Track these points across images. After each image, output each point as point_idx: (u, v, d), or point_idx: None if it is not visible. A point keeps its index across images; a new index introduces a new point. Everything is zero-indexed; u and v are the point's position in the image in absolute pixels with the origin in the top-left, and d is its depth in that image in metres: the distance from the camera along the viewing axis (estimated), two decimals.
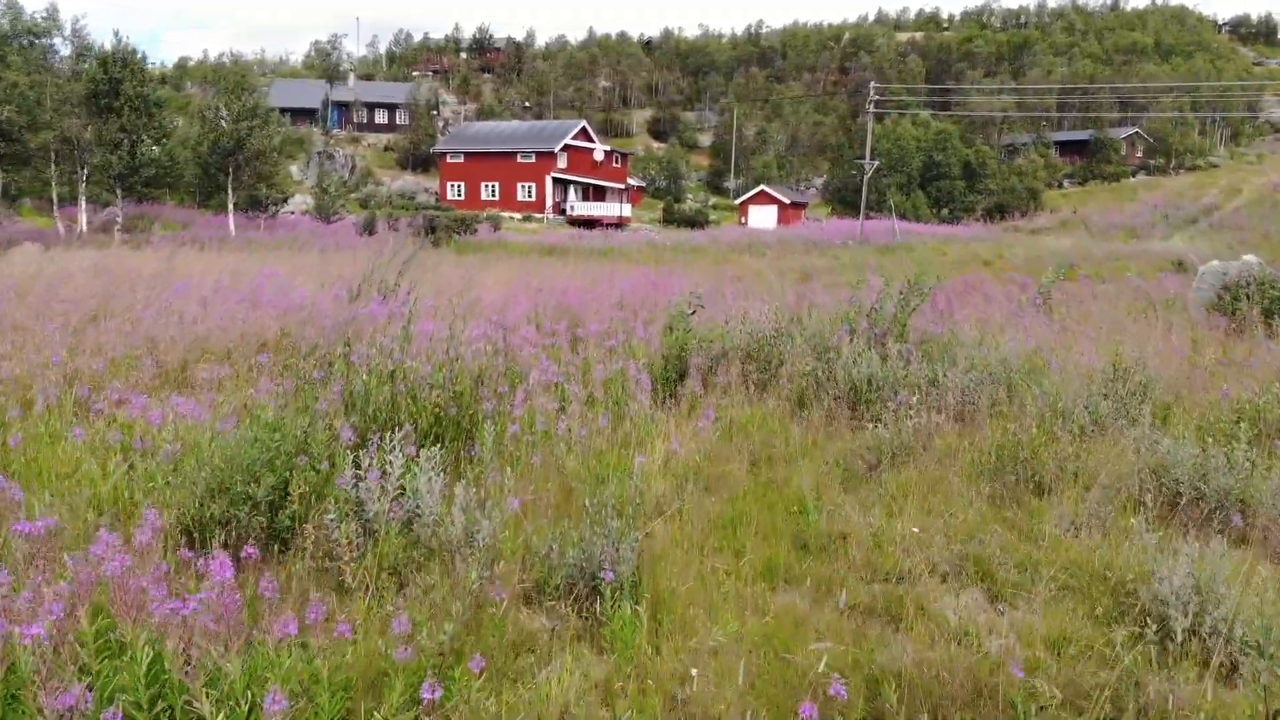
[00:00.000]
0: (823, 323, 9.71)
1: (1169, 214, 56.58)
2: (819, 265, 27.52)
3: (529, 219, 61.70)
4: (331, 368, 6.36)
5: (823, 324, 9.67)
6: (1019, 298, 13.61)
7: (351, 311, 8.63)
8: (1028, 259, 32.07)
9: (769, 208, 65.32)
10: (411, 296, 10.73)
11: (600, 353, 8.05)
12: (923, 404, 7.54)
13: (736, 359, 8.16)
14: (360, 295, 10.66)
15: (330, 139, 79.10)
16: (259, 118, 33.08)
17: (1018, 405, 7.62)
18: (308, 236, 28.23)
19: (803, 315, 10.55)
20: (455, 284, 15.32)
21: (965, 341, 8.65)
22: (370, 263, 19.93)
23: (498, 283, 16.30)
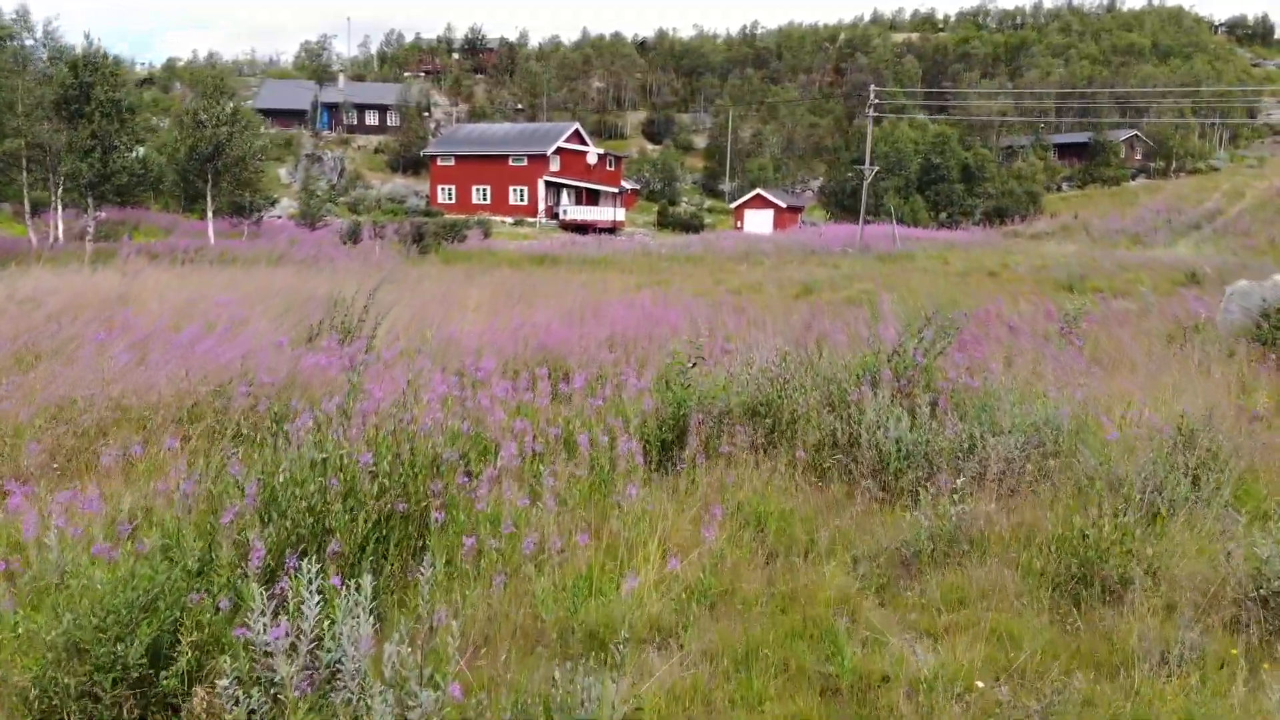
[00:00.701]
0: (837, 366, 8.63)
1: (1171, 219, 55.69)
2: (820, 277, 26.47)
3: (521, 223, 60.63)
4: (255, 450, 5.26)
5: (837, 367, 8.59)
6: (1045, 327, 12.55)
7: (299, 362, 7.52)
8: (1035, 269, 31.06)
9: (765, 212, 64.30)
10: (375, 336, 9.63)
11: (586, 411, 6.96)
12: (963, 478, 6.48)
13: (743, 419, 7.07)
14: (319, 334, 9.56)
15: (320, 141, 77.90)
16: (239, 122, 31.89)
17: (1072, 480, 6.55)
18: (287, 247, 27.11)
19: (814, 355, 9.48)
20: (433, 309, 14.22)
21: (1002, 393, 7.58)
22: (345, 282, 18.84)
23: (481, 305, 15.20)
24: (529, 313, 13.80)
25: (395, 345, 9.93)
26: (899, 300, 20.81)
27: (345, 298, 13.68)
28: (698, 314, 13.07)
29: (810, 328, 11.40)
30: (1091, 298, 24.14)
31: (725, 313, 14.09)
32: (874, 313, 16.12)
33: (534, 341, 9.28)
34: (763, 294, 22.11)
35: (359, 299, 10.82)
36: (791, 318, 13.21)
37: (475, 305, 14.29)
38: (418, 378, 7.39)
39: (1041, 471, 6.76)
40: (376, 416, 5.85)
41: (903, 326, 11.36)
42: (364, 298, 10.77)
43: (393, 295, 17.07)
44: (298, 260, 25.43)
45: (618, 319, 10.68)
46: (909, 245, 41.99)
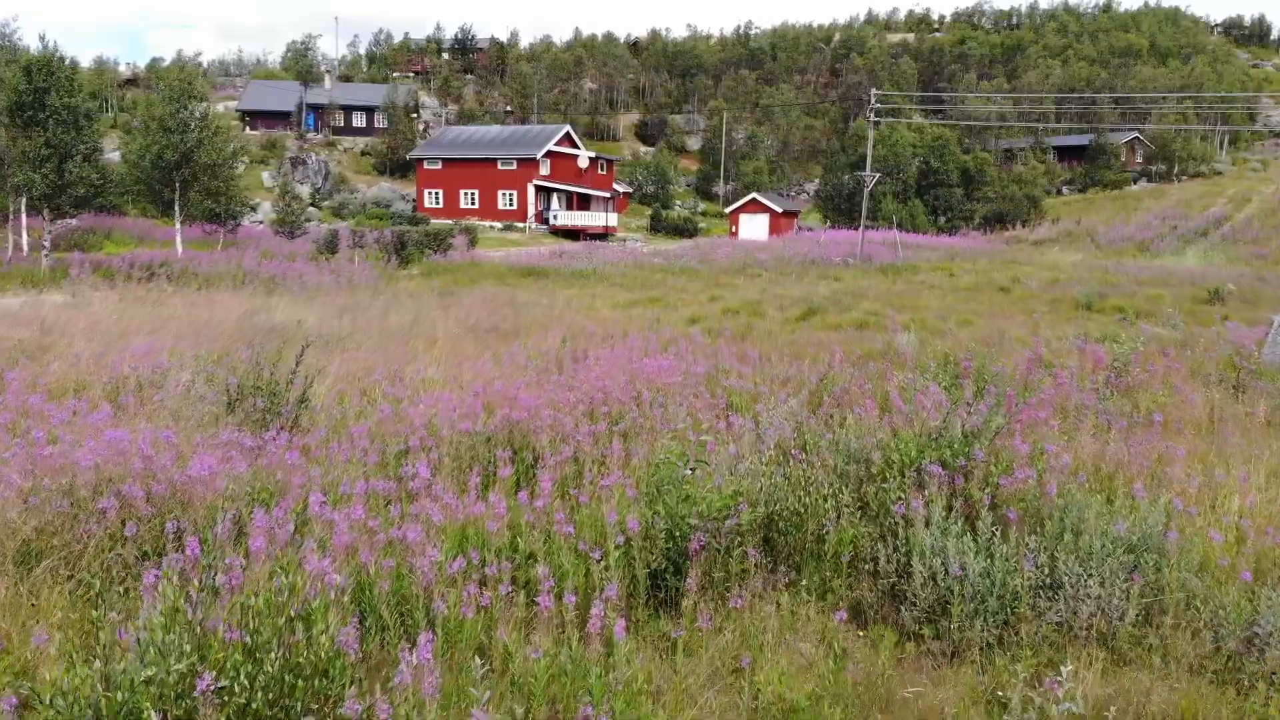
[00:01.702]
0: (867, 445, 7.04)
1: (1177, 225, 54.30)
2: (823, 295, 24.88)
3: (510, 228, 58.99)
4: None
5: (868, 447, 7.01)
6: (1090, 376, 10.99)
7: (197, 456, 5.90)
8: (1047, 283, 29.54)
9: (760, 217, 62.75)
10: (306, 401, 8.03)
11: (556, 527, 5.36)
12: (1044, 622, 4.91)
13: (756, 539, 5.49)
14: (241, 398, 7.94)
15: (305, 144, 76.10)
16: (208, 127, 30.11)
17: (1187, 629, 4.99)
18: (255, 262, 25.43)
19: (836, 430, 7.89)
20: (395, 348, 12.61)
21: (1079, 494, 5.99)
22: (307, 309, 17.22)
23: (450, 342, 13.59)
24: (502, 355, 12.21)
25: (333, 410, 8.33)
26: (912, 325, 19.28)
27: (304, 332, 12.07)
28: (694, 357, 11.47)
29: (826, 380, 9.81)
30: (1113, 319, 22.65)
31: (724, 352, 12.51)
32: (890, 347, 14.58)
33: (500, 408, 7.68)
34: (763, 316, 20.50)
35: (307, 345, 9.20)
36: (802, 363, 11.61)
37: (440, 350, 12.67)
38: (334, 485, 5.78)
39: (1144, 617, 5.20)
40: (261, 565, 4.26)
41: (935, 380, 9.81)
42: (332, 321, 9.17)
43: (354, 326, 15.48)
44: (265, 277, 23.78)
45: (600, 375, 9.09)
46: (911, 254, 40.49)
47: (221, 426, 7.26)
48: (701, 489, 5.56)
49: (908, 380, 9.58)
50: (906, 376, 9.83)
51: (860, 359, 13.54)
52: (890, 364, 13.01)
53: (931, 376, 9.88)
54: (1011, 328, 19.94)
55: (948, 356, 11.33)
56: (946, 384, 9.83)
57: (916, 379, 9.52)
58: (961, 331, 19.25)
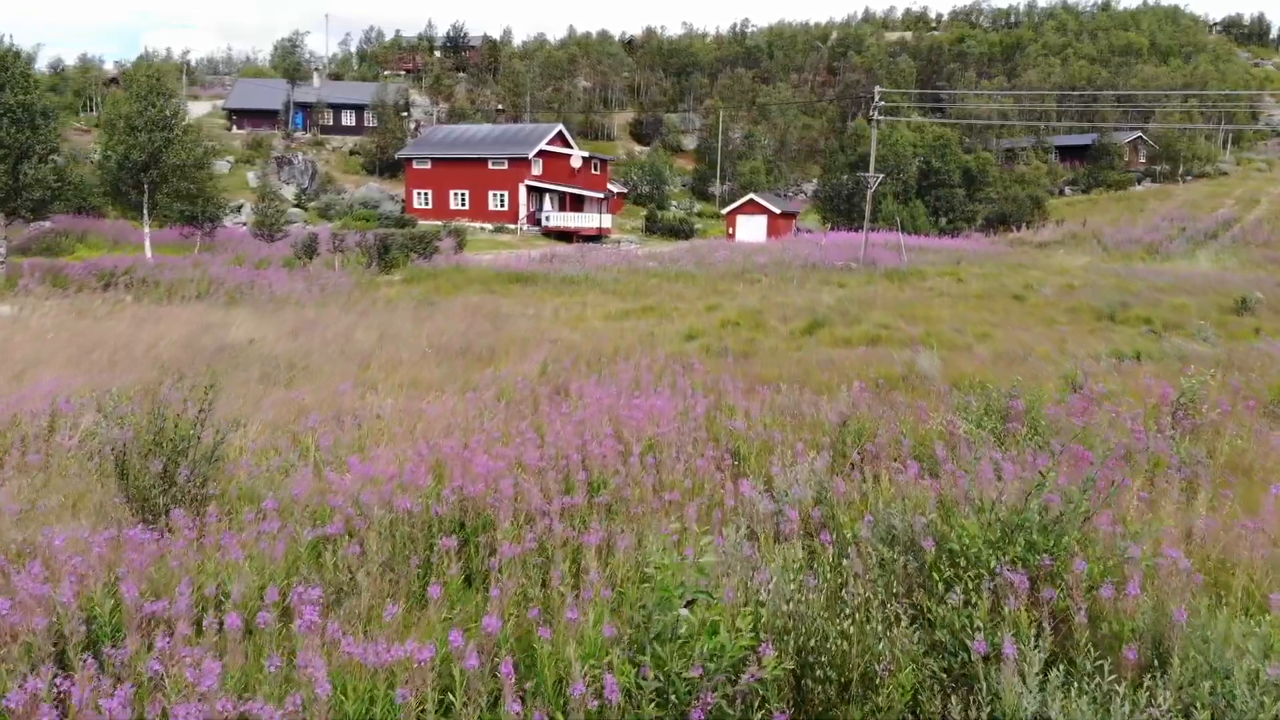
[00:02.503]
0: (912, 525, 5.54)
1: (1186, 227, 52.89)
2: (827, 304, 23.38)
3: (501, 230, 57.44)
4: None
5: (913, 526, 5.52)
6: (1139, 406, 9.48)
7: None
8: (1062, 290, 28.08)
9: (758, 218, 61.24)
10: (216, 459, 6.51)
11: None
12: None
13: (782, 700, 3.98)
14: (125, 467, 6.40)
15: (292, 143, 74.44)
16: (177, 127, 28.46)
17: None
18: (224, 270, 23.86)
19: (868, 495, 6.37)
20: (350, 374, 11.06)
21: (1209, 628, 4.50)
22: (267, 325, 15.66)
23: (413, 368, 12.05)
24: (475, 384, 10.68)
25: (254, 468, 6.80)
26: (927, 339, 17.79)
27: (256, 353, 10.56)
28: (691, 390, 9.96)
29: (848, 424, 8.30)
30: (1139, 331, 21.19)
31: (726, 379, 11.00)
32: (912, 370, 13.07)
33: (454, 470, 6.16)
34: (765, 330, 18.99)
35: (210, 388, 7.71)
36: (816, 395, 10.11)
37: (401, 377, 11.13)
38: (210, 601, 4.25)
39: None
40: None
41: (979, 423, 8.29)
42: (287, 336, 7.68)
43: (314, 345, 13.94)
44: (230, 286, 22.22)
45: (581, 422, 7.57)
46: (914, 257, 39.01)
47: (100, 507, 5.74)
48: (706, 626, 4.03)
49: (947, 424, 8.07)
50: (945, 419, 8.32)
51: (880, 385, 12.05)
52: (916, 393, 11.51)
53: (974, 419, 8.38)
54: (1034, 341, 18.46)
55: (986, 389, 9.82)
56: (992, 426, 8.34)
57: (957, 422, 8.01)
58: (981, 346, 17.78)
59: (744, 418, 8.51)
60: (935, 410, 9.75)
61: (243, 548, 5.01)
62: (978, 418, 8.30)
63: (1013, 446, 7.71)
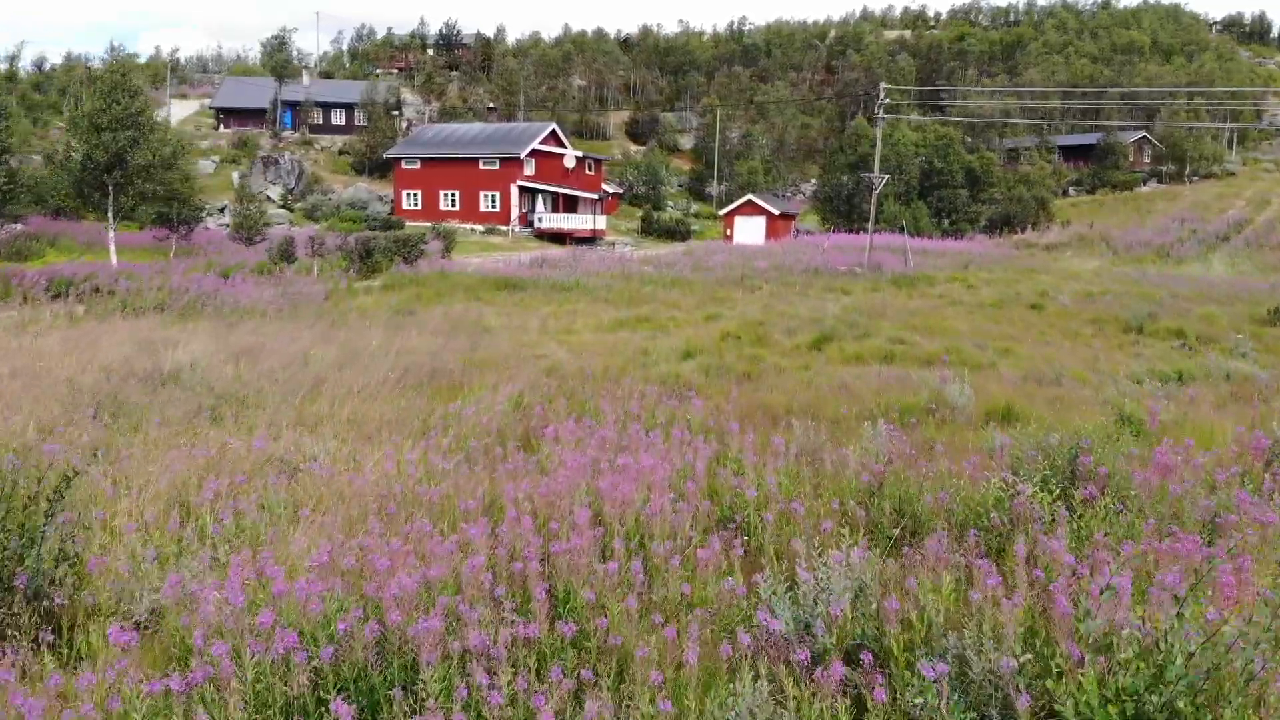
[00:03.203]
0: (998, 672, 4.00)
1: (1196, 229, 51.45)
2: (834, 315, 21.83)
3: (493, 232, 55.86)
4: None
5: (999, 673, 3.99)
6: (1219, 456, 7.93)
7: None
8: (1080, 298, 26.56)
9: (757, 219, 59.69)
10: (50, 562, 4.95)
11: None
12: None
13: None
14: None
15: (279, 142, 72.77)
16: (143, 126, 26.82)
17: None
18: (187, 280, 22.25)
19: (928, 612, 4.82)
20: (288, 416, 9.48)
21: None
22: (217, 343, 14.06)
23: (373, 392, 10.47)
24: (432, 425, 9.12)
25: (123, 568, 5.22)
26: (947, 356, 16.23)
27: (192, 381, 9.01)
28: (690, 434, 8.40)
29: (884, 486, 6.75)
30: (1171, 345, 19.66)
31: (729, 415, 9.45)
32: (939, 399, 11.52)
33: (370, 585, 4.59)
34: (769, 345, 17.42)
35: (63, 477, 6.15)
36: (836, 439, 8.55)
37: (349, 413, 9.56)
38: None
39: None
40: None
41: (1044, 487, 6.76)
42: None
43: (260, 371, 12.36)
44: (192, 296, 20.61)
45: (546, 500, 6.01)
46: (921, 261, 37.49)
47: None
48: None
49: (1004, 483, 6.51)
50: (1004, 477, 6.75)
51: (905, 418, 10.51)
52: (948, 429, 9.96)
53: (1036, 477, 6.83)
54: (1062, 358, 16.92)
55: (1030, 426, 8.27)
56: (1061, 488, 6.80)
57: (1021, 486, 6.45)
58: (1004, 363, 16.23)
59: (754, 475, 6.95)
60: (975, 454, 8.20)
61: None
62: (1041, 477, 6.75)
63: (1091, 517, 6.17)
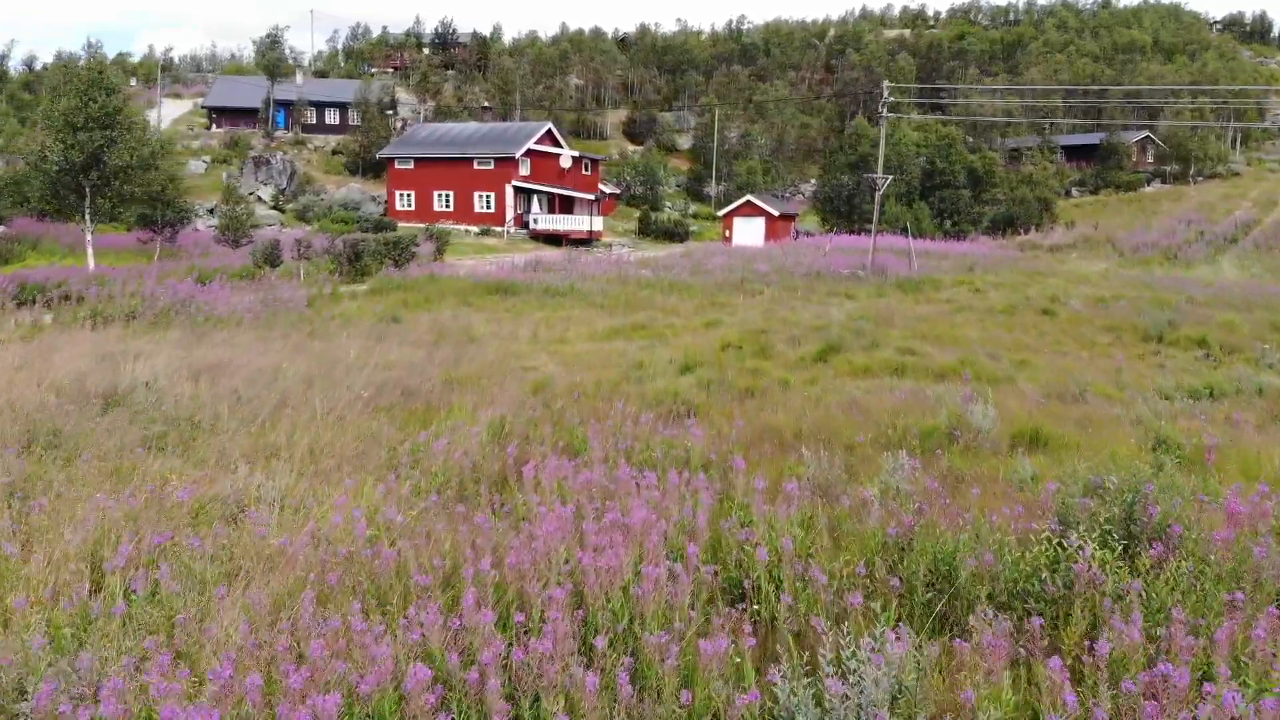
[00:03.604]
0: None
1: (1204, 231, 50.54)
2: (839, 322, 20.88)
3: (488, 233, 54.89)
4: None
5: None
6: None
7: None
8: (1093, 303, 25.63)
9: (756, 220, 58.73)
10: None
11: None
12: None
13: None
14: None
15: (272, 142, 71.74)
16: (120, 125, 25.80)
17: None
18: (162, 286, 21.26)
19: None
20: (242, 447, 8.52)
21: None
22: (168, 359, 13.09)
23: (339, 417, 9.50)
24: (399, 459, 8.16)
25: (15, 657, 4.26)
26: (961, 369, 15.29)
27: (144, 402, 8.12)
28: (688, 468, 7.45)
29: (913, 543, 5.80)
30: (1194, 355, 18.72)
31: (732, 444, 8.51)
32: (959, 421, 10.58)
33: (312, 684, 3.64)
34: (771, 356, 16.47)
35: None
36: (859, 484, 7.60)
37: (311, 441, 8.60)
38: None
39: None
40: None
41: (1099, 540, 5.82)
42: None
43: (222, 391, 11.39)
44: (166, 303, 19.64)
45: (515, 573, 5.05)
46: (925, 264, 36.51)
47: None
48: None
49: (1057, 535, 5.56)
50: (1052, 528, 5.80)
51: (925, 445, 9.58)
52: (974, 459, 9.00)
53: (1094, 530, 5.87)
54: (1082, 370, 15.97)
55: (1066, 456, 7.34)
56: (1123, 543, 5.85)
57: (1078, 541, 5.50)
58: (1023, 376, 15.28)
59: (763, 528, 5.99)
60: (1005, 485, 7.25)
61: None
62: (1099, 533, 5.78)
63: (1162, 585, 5.21)
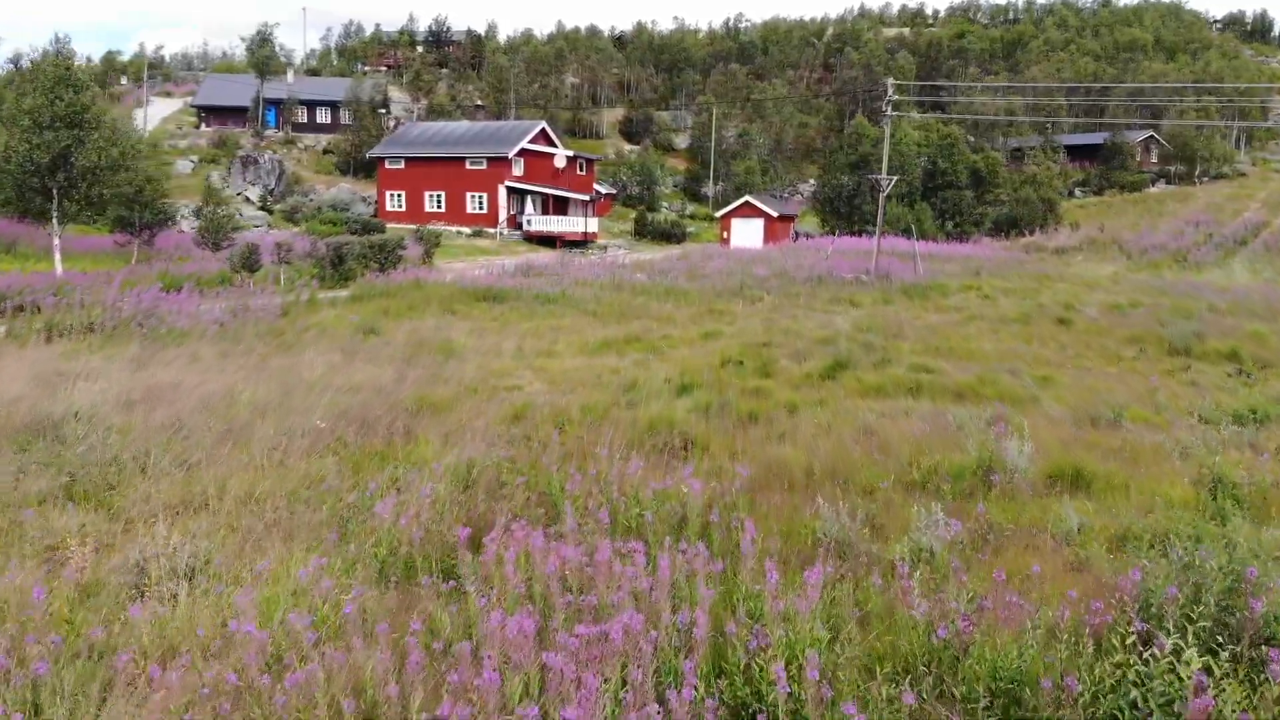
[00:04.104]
0: None
1: (1213, 233, 49.40)
2: (844, 332, 19.67)
3: (480, 234, 53.63)
4: None
5: None
6: None
7: None
8: (1108, 310, 24.44)
9: (754, 221, 57.48)
10: None
11: None
12: None
13: None
14: None
15: (261, 141, 70.42)
16: (87, 124, 24.49)
17: None
18: (123, 295, 20.01)
19: None
20: (174, 484, 7.28)
21: None
22: (108, 382, 11.87)
23: (279, 461, 8.26)
24: (340, 510, 6.94)
25: None
26: (983, 390, 14.09)
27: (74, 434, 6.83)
28: (689, 539, 6.24)
29: (969, 650, 4.58)
30: (1226, 370, 17.52)
31: (736, 496, 7.30)
32: (991, 459, 9.37)
33: None
34: (774, 374, 15.25)
35: None
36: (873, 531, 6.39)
37: (244, 492, 7.36)
38: None
39: None
40: None
41: (1185, 639, 4.61)
42: None
43: (157, 418, 10.16)
44: (128, 314, 18.39)
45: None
46: (930, 267, 35.30)
47: None
48: None
49: (1145, 639, 4.36)
50: (1138, 630, 4.60)
51: (957, 488, 8.39)
52: (1013, 508, 7.78)
53: (1199, 645, 4.68)
54: (1111, 389, 14.76)
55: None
56: (1230, 656, 4.66)
57: (1158, 636, 4.31)
58: (1047, 396, 14.04)
59: (779, 630, 4.76)
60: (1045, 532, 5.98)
61: None
62: (1195, 633, 4.57)
63: None
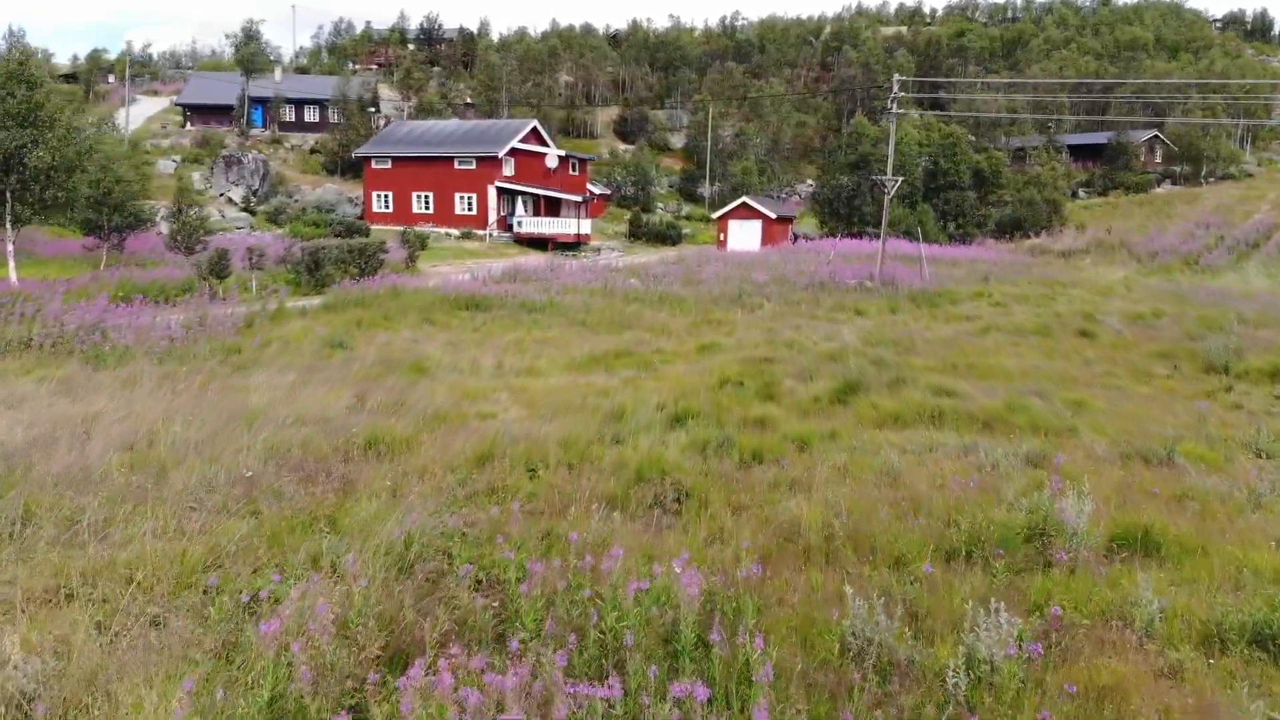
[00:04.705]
0: None
1: (1224, 235, 47.98)
2: (852, 346, 18.16)
3: (468, 236, 52.03)
4: None
5: None
6: None
7: None
8: (1130, 321, 22.94)
9: (752, 223, 55.92)
10: None
11: None
12: None
13: None
14: None
15: (246, 140, 68.72)
16: (42, 124, 22.86)
17: None
18: (68, 308, 18.42)
19: None
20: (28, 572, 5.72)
21: None
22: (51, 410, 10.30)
23: (213, 498, 6.70)
24: (236, 615, 5.38)
25: None
26: (1014, 418, 12.58)
27: None
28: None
29: None
30: (1273, 393, 16.03)
31: (743, 624, 5.76)
32: (1046, 519, 7.87)
33: None
34: (778, 398, 13.73)
35: None
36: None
37: (123, 576, 5.80)
38: None
39: None
40: None
41: None
42: None
43: (53, 469, 8.61)
44: (72, 329, 16.81)
45: None
46: (936, 271, 33.80)
47: None
48: None
49: None
50: None
51: (1010, 562, 6.89)
52: (1073, 591, 6.27)
53: None
54: (1153, 415, 13.28)
55: None
56: None
57: None
58: (1085, 425, 12.50)
59: None
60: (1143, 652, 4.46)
61: None
62: None
63: None
